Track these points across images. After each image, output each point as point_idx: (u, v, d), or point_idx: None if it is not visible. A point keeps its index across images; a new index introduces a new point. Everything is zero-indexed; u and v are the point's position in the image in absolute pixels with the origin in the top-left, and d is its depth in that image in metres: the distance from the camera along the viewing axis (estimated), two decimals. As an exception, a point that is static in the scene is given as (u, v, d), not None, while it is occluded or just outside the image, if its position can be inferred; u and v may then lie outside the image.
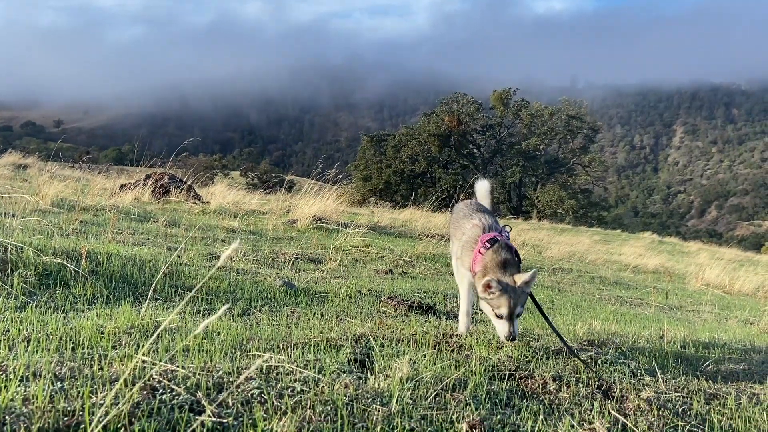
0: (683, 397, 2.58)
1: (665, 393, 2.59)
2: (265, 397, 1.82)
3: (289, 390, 1.91)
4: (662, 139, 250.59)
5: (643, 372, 2.91)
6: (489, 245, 3.01)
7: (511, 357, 2.81)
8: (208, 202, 12.12)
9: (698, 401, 2.57)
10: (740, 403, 2.67)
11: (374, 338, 2.81)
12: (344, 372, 2.21)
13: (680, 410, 2.43)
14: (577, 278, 9.60)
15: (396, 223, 14.50)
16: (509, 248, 3.03)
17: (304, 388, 1.93)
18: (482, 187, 4.05)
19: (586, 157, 54.71)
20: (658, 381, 2.79)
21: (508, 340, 2.85)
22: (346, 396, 1.90)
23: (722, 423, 2.38)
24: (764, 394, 2.89)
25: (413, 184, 52.20)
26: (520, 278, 2.85)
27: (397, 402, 1.90)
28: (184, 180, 13.31)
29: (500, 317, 2.86)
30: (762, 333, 5.93)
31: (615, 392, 2.53)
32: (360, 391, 1.98)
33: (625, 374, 2.82)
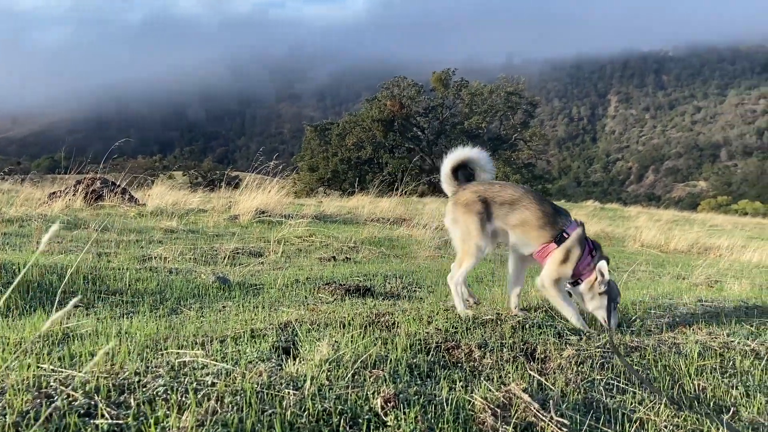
0: (603, 353, 2.65)
1: (586, 350, 2.66)
2: (170, 394, 1.76)
3: (199, 384, 1.85)
4: (598, 110, 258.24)
5: (568, 332, 2.98)
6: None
7: (440, 329, 2.82)
8: (144, 205, 11.75)
9: (615, 355, 2.65)
10: (660, 353, 2.77)
11: (302, 324, 2.77)
12: (264, 360, 2.16)
13: (599, 365, 2.50)
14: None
15: (342, 210, 14.44)
16: None
17: (216, 381, 1.87)
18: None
19: (527, 132, 55.75)
20: (582, 340, 2.87)
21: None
22: (258, 384, 1.86)
23: (640, 373, 2.46)
24: (685, 343, 3.00)
25: (361, 171, 52.11)
26: None
27: (312, 384, 1.87)
28: (117, 183, 12.86)
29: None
30: (691, 286, 6.19)
31: (539, 354, 2.58)
32: (275, 377, 1.94)
33: (550, 336, 2.88)
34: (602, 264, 3.27)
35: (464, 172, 3.66)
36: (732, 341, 3.05)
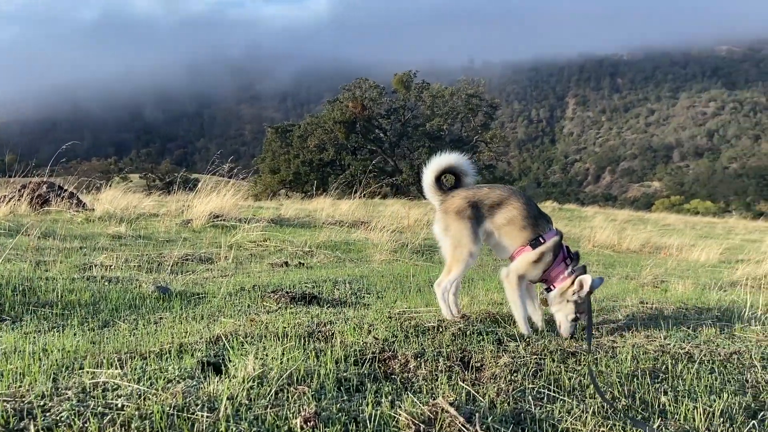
0: (539, 360, 2.64)
1: (523, 357, 2.65)
2: (74, 420, 1.66)
3: (107, 408, 1.76)
4: (557, 112, 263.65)
5: (508, 339, 2.97)
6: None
7: (378, 339, 2.77)
8: (93, 209, 11.40)
9: (552, 361, 2.65)
10: (595, 358, 2.78)
11: (236, 337, 2.68)
12: (185, 379, 2.07)
13: (532, 373, 2.49)
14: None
15: (301, 213, 14.31)
16: None
17: (127, 404, 1.78)
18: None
19: (487, 134, 56.36)
20: (520, 346, 2.86)
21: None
22: (171, 406, 1.77)
23: (572, 380, 2.46)
24: (622, 347, 3.03)
25: (323, 173, 51.92)
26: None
27: (229, 405, 1.79)
28: (65, 187, 12.45)
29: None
30: (638, 287, 6.30)
31: (476, 362, 2.56)
32: (191, 398, 1.85)
33: (490, 343, 2.86)
34: (585, 278, 3.33)
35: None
36: (668, 344, 3.09)
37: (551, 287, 3.43)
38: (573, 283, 3.33)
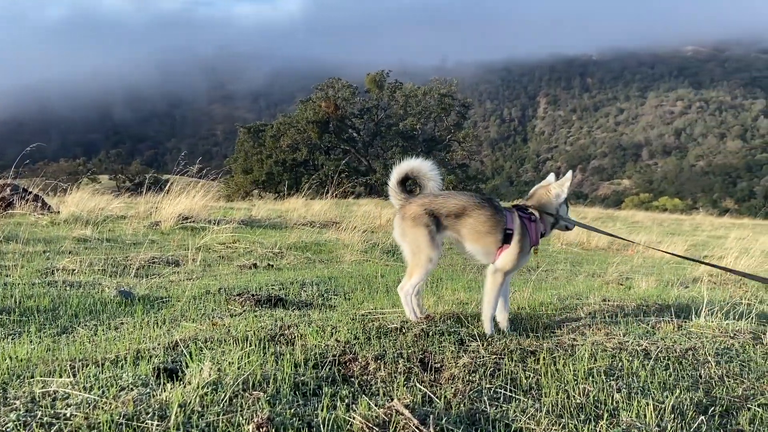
0: (498, 359, 2.67)
1: (482, 357, 2.68)
2: (19, 430, 1.62)
3: (55, 418, 1.73)
4: (528, 111, 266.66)
5: (470, 339, 2.99)
6: None
7: (340, 341, 2.77)
8: (58, 212, 11.16)
9: (511, 360, 2.68)
10: (556, 356, 2.82)
11: (195, 342, 2.65)
12: (138, 386, 2.04)
13: (490, 373, 2.51)
14: (446, 251, 9.93)
15: (273, 214, 14.21)
16: None
17: (76, 413, 1.75)
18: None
19: (460, 133, 56.70)
20: (481, 346, 2.89)
21: None
22: (121, 415, 1.75)
23: (530, 379, 2.49)
24: (581, 345, 3.07)
25: (296, 173, 51.65)
26: None
27: (181, 413, 1.78)
28: (29, 190, 12.18)
29: None
30: (603, 284, 6.42)
31: (436, 363, 2.58)
32: (142, 406, 1.83)
33: (451, 344, 2.88)
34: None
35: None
36: (626, 341, 3.15)
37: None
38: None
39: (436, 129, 58.06)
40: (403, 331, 3.07)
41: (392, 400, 2.02)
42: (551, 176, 3.84)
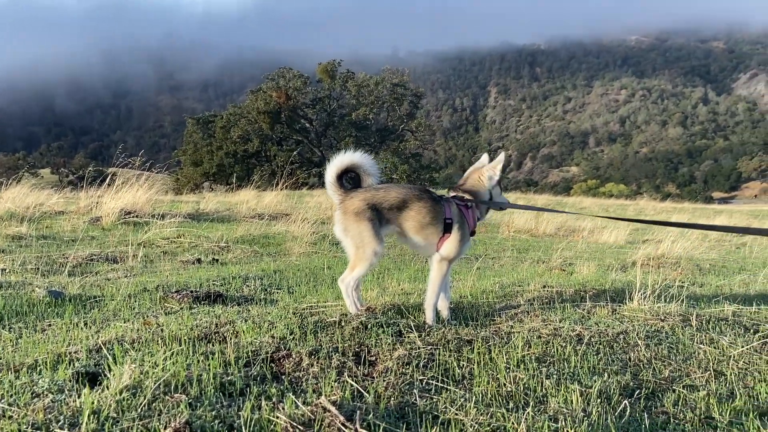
0: (433, 350, 2.68)
1: (418, 348, 2.68)
2: None
3: (-46, 431, 1.63)
4: (480, 100, 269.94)
5: (408, 330, 2.99)
6: None
7: (275, 337, 2.72)
8: (-9, 209, 10.64)
9: (447, 351, 2.69)
10: (491, 345, 2.85)
11: (122, 344, 2.55)
12: (55, 392, 1.95)
13: (423, 364, 2.52)
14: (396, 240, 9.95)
15: (223, 207, 13.94)
16: None
17: (-22, 425, 1.65)
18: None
19: (413, 122, 56.91)
20: (420, 336, 2.89)
21: None
22: (29, 424, 1.66)
23: (463, 369, 2.51)
24: (519, 332, 3.12)
25: (248, 165, 50.89)
26: None
27: (95, 419, 1.70)
28: (-43, 186, 11.58)
29: None
30: (547, 270, 6.54)
31: (371, 356, 2.56)
32: (53, 414, 1.74)
33: (389, 336, 2.87)
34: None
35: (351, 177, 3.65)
36: (562, 327, 3.21)
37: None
38: None
39: (389, 119, 58.13)
40: (342, 324, 3.03)
41: (317, 397, 1.99)
42: (485, 157, 3.86)
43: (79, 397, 1.88)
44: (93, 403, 1.80)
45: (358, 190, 3.49)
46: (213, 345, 2.65)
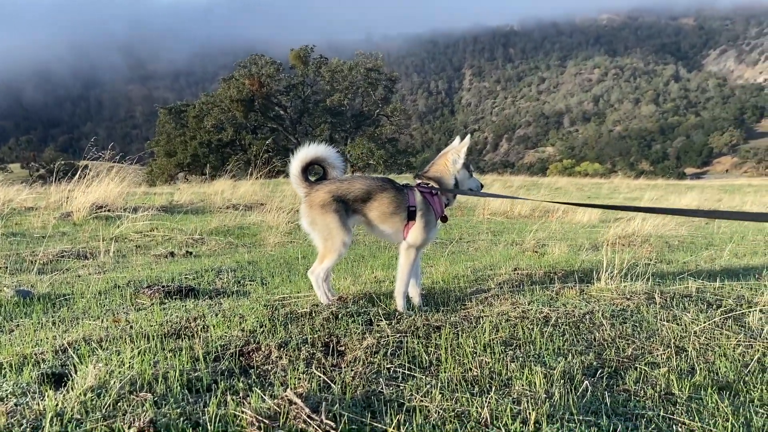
0: (402, 338, 2.71)
1: (387, 337, 2.71)
2: None
3: None
4: (455, 83, 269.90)
5: (378, 318, 3.02)
6: None
7: (245, 330, 2.73)
8: (-44, 208, 10.41)
9: (415, 338, 2.73)
10: (460, 330, 2.89)
11: (89, 343, 2.54)
12: (19, 395, 1.94)
13: (391, 353, 2.55)
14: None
15: (197, 198, 13.79)
16: None
17: (-62, 433, 1.64)
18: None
19: (388, 107, 56.75)
20: (390, 324, 2.92)
21: None
22: (-10, 430, 1.65)
23: (431, 356, 2.54)
24: (488, 316, 3.16)
25: (223, 154, 50.29)
26: None
27: (57, 422, 1.70)
28: None
29: None
30: (520, 252, 6.62)
31: (340, 347, 2.58)
32: (16, 417, 1.74)
33: (360, 325, 2.90)
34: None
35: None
36: (530, 309, 3.27)
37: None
38: None
39: (364, 104, 57.84)
40: (313, 315, 3.05)
41: (284, 389, 2.01)
42: (456, 140, 3.89)
43: (42, 399, 1.88)
44: (56, 405, 1.80)
45: (323, 183, 3.51)
46: (182, 341, 2.65)
